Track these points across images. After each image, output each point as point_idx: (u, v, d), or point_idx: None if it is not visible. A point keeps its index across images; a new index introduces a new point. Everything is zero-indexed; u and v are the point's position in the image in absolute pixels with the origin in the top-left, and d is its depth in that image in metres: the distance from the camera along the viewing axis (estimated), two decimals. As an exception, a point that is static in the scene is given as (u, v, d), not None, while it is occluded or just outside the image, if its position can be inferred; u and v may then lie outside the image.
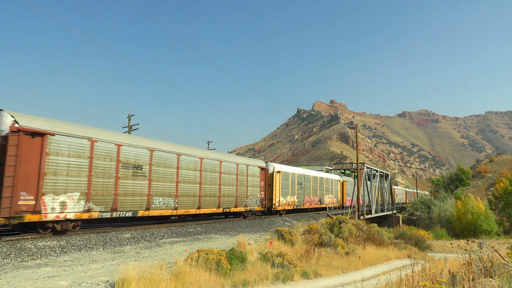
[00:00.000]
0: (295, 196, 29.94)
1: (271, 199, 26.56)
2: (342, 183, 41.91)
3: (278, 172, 27.39)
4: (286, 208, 28.36)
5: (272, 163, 27.30)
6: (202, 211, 19.33)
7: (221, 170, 21.24)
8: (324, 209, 37.40)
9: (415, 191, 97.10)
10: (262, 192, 25.15)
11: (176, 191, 17.60)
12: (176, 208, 17.50)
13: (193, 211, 18.74)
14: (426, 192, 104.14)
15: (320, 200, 35.13)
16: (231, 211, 21.97)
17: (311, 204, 33.03)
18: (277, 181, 27.08)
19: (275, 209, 26.78)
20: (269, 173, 26.57)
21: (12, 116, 11.53)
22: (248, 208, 23.39)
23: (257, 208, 24.25)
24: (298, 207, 30.46)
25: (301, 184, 31.15)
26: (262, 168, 25.28)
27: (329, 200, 37.46)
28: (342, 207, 41.31)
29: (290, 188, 28.99)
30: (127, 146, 15.19)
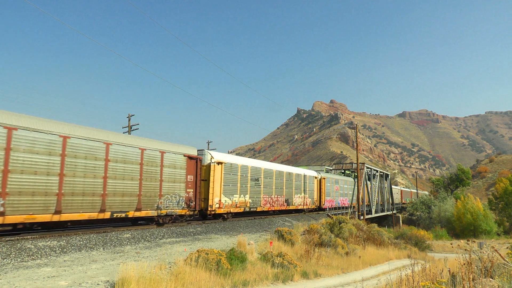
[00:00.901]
0: (247, 196, 23.34)
1: (207, 199, 19.96)
2: (320, 180, 35.15)
3: (219, 163, 20.84)
4: (231, 211, 21.78)
5: (211, 151, 21.05)
6: (66, 217, 12.62)
7: (109, 156, 14.29)
8: (291, 211, 31.40)
9: (411, 190, 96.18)
10: (191, 190, 18.37)
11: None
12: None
13: (43, 217, 12.02)
14: (426, 192, 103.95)
15: (287, 201, 28.55)
16: (130, 216, 15.18)
17: (272, 206, 26.45)
18: (217, 175, 20.58)
19: (213, 212, 20.25)
20: (203, 164, 20.20)
21: None
22: (164, 211, 16.74)
23: (180, 211, 17.68)
24: (252, 209, 24.04)
25: (257, 180, 24.63)
26: (190, 157, 18.51)
27: (301, 200, 30.91)
28: (320, 209, 35.43)
29: (239, 184, 22.49)
30: None
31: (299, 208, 30.77)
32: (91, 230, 14.29)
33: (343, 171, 51.37)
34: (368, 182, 48.35)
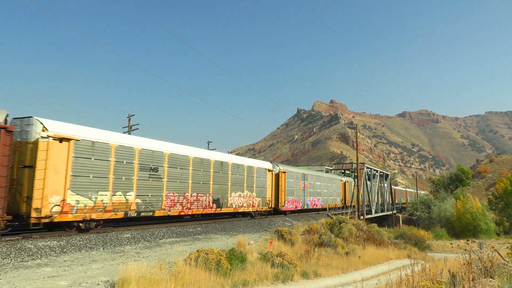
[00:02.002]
0: (131, 193, 15.38)
1: (31, 198, 11.79)
2: (278, 175, 27.45)
3: (63, 139, 12.86)
4: (93, 217, 13.73)
5: (43, 120, 12.56)
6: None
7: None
8: (225, 215, 23.91)
9: (406, 189, 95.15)
10: None
11: None
12: None
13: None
14: (424, 192, 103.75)
15: (217, 201, 20.53)
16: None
17: (188, 208, 18.38)
18: (57, 158, 12.59)
19: (44, 218, 11.97)
20: (27, 139, 12.41)
21: None
22: None
23: None
24: (145, 213, 16.06)
25: (154, 170, 16.67)
26: None
27: (243, 201, 22.99)
28: (276, 211, 28.01)
29: (112, 176, 14.56)
30: None
31: (239, 210, 22.81)
32: (91, 230, 14.29)
33: (343, 171, 51.36)
34: (368, 182, 48.34)
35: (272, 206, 26.65)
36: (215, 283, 9.52)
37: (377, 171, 53.47)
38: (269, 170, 26.46)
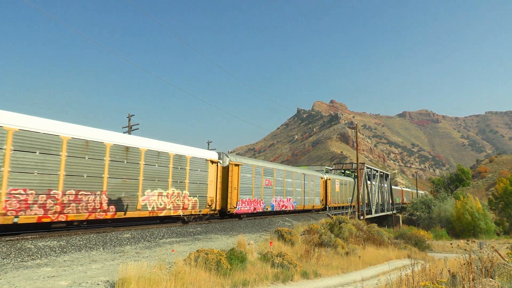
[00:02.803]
0: None
1: None
2: (228, 168, 21.69)
3: None
4: None
5: None
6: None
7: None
8: (135, 220, 17.96)
9: (402, 189, 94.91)
10: None
11: None
12: None
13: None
14: (422, 192, 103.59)
15: (118, 202, 14.73)
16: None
17: (59, 212, 12.68)
18: None
19: None
20: None
21: None
22: None
23: None
24: None
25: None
26: None
27: (168, 201, 17.17)
28: (224, 214, 22.12)
29: None
30: None
31: (160, 214, 16.82)
32: (91, 230, 14.30)
33: (343, 171, 51.39)
34: (368, 182, 48.34)
35: (217, 208, 20.40)
36: (215, 283, 9.52)
37: (377, 171, 53.48)
38: (212, 162, 20.17)
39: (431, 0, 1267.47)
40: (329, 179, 37.28)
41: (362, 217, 40.70)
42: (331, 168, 51.47)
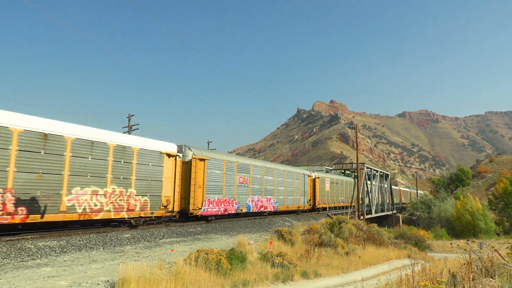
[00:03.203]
0: None
1: None
2: (190, 163, 18.75)
3: None
4: None
5: None
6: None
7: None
8: (47, 225, 14.24)
9: (400, 188, 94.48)
10: None
11: None
12: None
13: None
14: (421, 192, 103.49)
15: (31, 202, 11.76)
16: None
17: None
18: None
19: None
20: None
21: None
22: None
23: None
24: None
25: None
26: None
27: (107, 201, 14.24)
28: (186, 216, 19.78)
29: None
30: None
31: (96, 217, 13.84)
32: (91, 230, 14.30)
33: (343, 171, 51.39)
34: (368, 182, 48.34)
35: (176, 209, 17.67)
36: (215, 283, 9.52)
37: (377, 171, 53.49)
38: (169, 155, 17.31)
39: (431, 0, 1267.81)
40: (318, 177, 34.38)
41: (362, 217, 40.70)
42: (331, 168, 51.46)
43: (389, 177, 62.69)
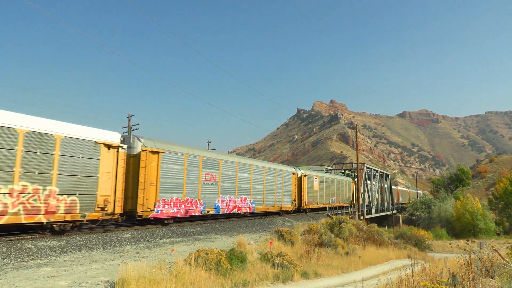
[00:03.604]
0: None
1: None
2: (138, 156, 15.86)
3: None
4: None
5: None
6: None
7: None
8: None
9: (398, 188, 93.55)
10: None
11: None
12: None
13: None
14: (420, 191, 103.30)
15: None
16: None
17: None
18: None
19: None
20: None
21: None
22: None
23: None
24: None
25: None
26: None
27: (12, 203, 11.09)
28: (134, 219, 16.55)
29: None
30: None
31: None
32: (90, 230, 14.30)
33: (343, 171, 51.38)
34: (368, 182, 48.34)
35: (119, 211, 14.51)
36: (215, 283, 9.52)
37: (377, 171, 53.48)
38: (109, 146, 14.24)
39: (431, 0, 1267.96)
40: (305, 175, 31.36)
41: (362, 217, 40.70)
42: (331, 168, 51.47)
43: (389, 177, 62.69)
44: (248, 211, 23.28)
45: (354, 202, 43.83)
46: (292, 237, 18.12)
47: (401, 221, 60.35)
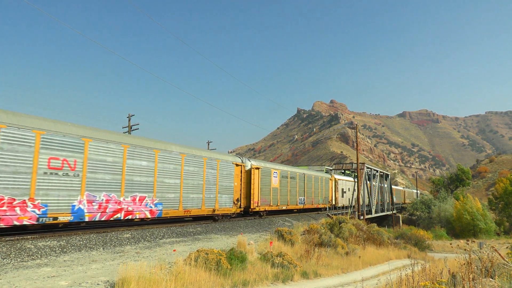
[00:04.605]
0: None
1: None
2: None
3: None
4: None
5: None
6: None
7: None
8: None
9: (393, 187, 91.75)
10: None
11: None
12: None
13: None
14: (416, 191, 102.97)
15: None
16: None
17: None
18: None
19: None
20: None
21: None
22: None
23: None
24: None
25: None
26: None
27: None
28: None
29: None
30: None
31: None
32: (91, 230, 14.29)
33: (343, 171, 51.35)
34: (368, 182, 48.33)
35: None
36: (215, 283, 9.52)
37: (377, 171, 53.47)
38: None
39: (431, 0, 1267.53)
40: (257, 168, 24.46)
41: (362, 217, 40.68)
42: (331, 168, 51.48)
43: (389, 177, 62.69)
44: (149, 216, 16.14)
45: (334, 203, 39.44)
46: (292, 237, 18.12)
47: (401, 221, 60.35)
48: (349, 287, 13.04)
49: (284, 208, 28.37)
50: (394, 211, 63.01)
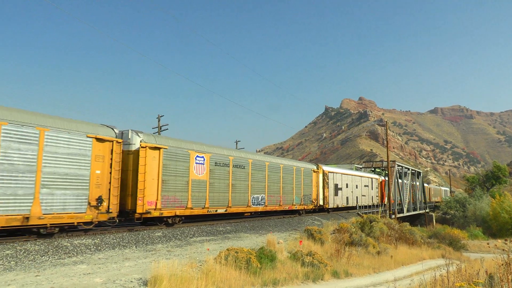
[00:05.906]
0: None
1: None
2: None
3: None
4: None
5: None
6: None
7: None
8: None
9: (413, 184, 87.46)
10: None
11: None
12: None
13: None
14: (444, 188, 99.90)
15: None
16: None
17: None
18: None
19: None
20: None
21: None
22: None
23: None
24: None
25: None
26: None
27: None
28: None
29: None
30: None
31: None
32: (123, 228, 14.64)
33: (373, 169, 50.57)
34: (399, 180, 47.39)
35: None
36: (245, 282, 9.56)
37: (408, 169, 52.40)
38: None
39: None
40: (156, 147, 15.45)
41: (393, 216, 39.93)
42: (361, 166, 50.80)
43: (421, 175, 61.24)
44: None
45: (322, 203, 29.93)
46: (322, 236, 17.97)
47: (434, 220, 58.88)
48: (381, 287, 12.83)
49: (215, 211, 18.72)
50: (427, 210, 61.51)
